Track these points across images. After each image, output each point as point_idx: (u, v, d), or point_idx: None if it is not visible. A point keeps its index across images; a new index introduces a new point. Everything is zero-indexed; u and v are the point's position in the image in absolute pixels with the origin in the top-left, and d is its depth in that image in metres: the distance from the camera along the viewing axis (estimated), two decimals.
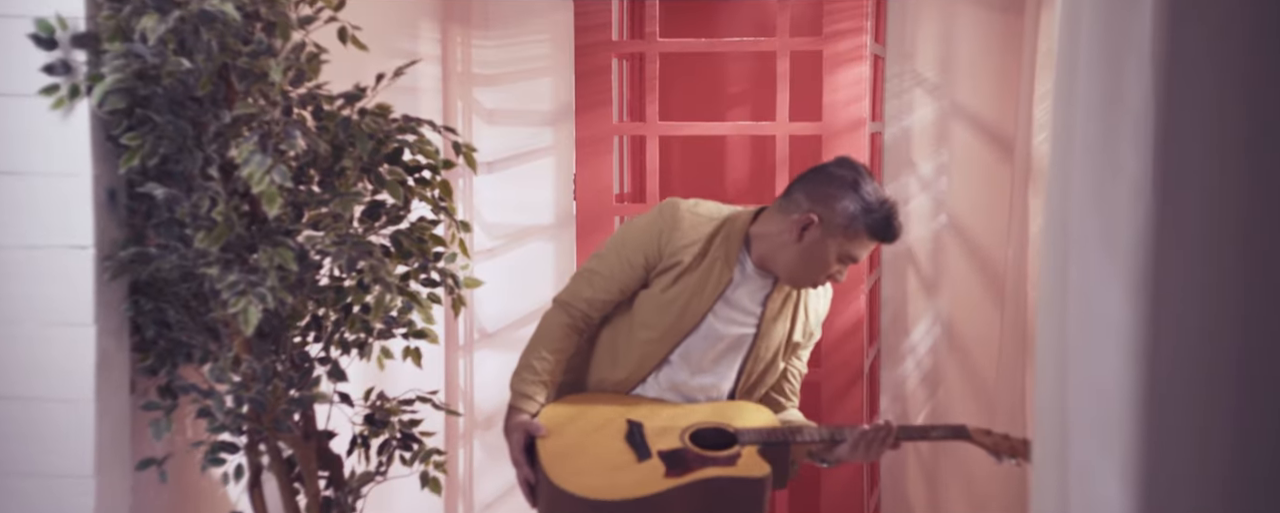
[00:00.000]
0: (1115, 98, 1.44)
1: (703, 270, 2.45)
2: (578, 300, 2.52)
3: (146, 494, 2.43)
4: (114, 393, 2.28)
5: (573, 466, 2.37)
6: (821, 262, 2.42)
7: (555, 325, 2.53)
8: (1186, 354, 1.39)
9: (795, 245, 2.41)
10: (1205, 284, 1.37)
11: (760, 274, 2.48)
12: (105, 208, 2.23)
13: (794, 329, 2.53)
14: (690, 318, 2.45)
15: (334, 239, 2.29)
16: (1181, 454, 1.39)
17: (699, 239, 2.46)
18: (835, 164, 2.47)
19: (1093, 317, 1.47)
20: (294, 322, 2.41)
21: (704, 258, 2.45)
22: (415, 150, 2.49)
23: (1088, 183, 1.50)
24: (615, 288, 2.49)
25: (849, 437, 2.41)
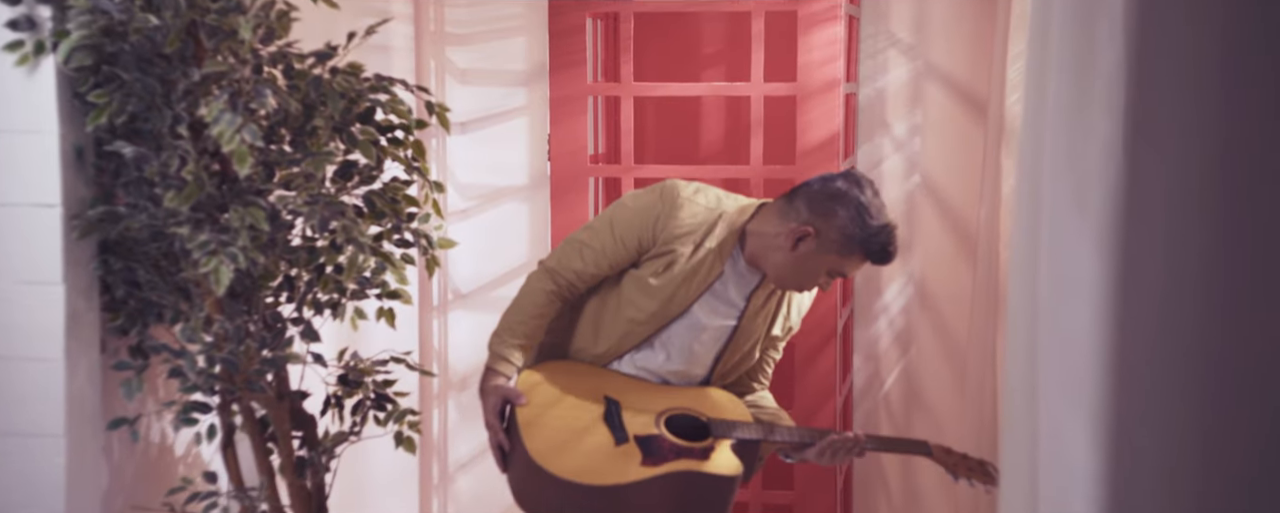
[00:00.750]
0: (1087, 58, 1.44)
1: (695, 262, 2.43)
2: (566, 270, 2.50)
3: (118, 454, 2.42)
4: (84, 352, 2.27)
5: (550, 441, 2.37)
6: (811, 273, 2.42)
7: (540, 291, 2.51)
8: (1155, 313, 1.40)
9: (788, 252, 2.41)
10: (1174, 243, 1.38)
11: (750, 270, 2.48)
12: (72, 166, 2.21)
13: (774, 324, 2.55)
14: (676, 306, 2.44)
15: (306, 199, 2.28)
16: (1149, 412, 1.40)
17: (695, 229, 2.44)
18: (842, 178, 2.43)
19: (1063, 275, 1.48)
20: (266, 282, 2.40)
21: (698, 249, 2.44)
22: (387, 110, 2.47)
23: (1060, 143, 1.50)
24: (605, 264, 2.47)
25: (817, 443, 2.43)
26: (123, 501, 2.44)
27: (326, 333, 2.62)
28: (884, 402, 3.78)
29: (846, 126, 3.51)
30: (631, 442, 2.37)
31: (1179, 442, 1.39)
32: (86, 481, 2.30)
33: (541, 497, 2.37)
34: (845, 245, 2.37)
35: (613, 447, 2.37)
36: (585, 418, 2.41)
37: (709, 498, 2.40)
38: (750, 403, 2.58)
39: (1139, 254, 1.41)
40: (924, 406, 3.75)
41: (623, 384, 2.48)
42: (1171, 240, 1.39)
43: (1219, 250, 1.36)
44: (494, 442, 2.42)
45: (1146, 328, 1.41)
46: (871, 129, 3.70)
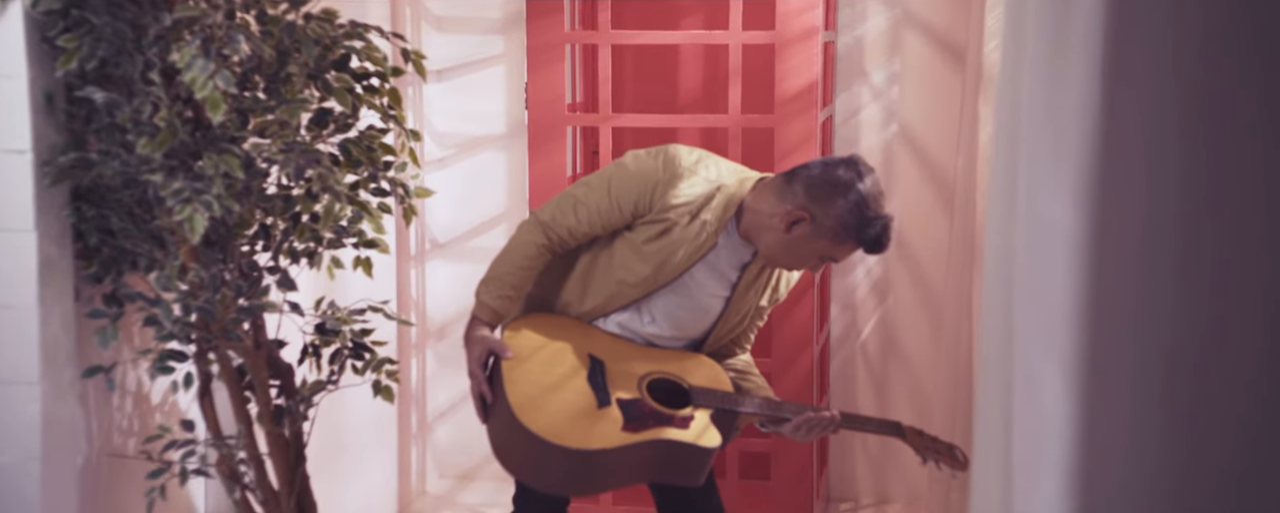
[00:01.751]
0: (1065, 5, 1.44)
1: (690, 232, 2.41)
2: (559, 226, 2.47)
3: (95, 402, 2.42)
4: (57, 300, 2.25)
5: (532, 397, 2.37)
6: (803, 256, 2.41)
7: (530, 244, 2.48)
8: (1131, 261, 1.41)
9: (781, 234, 2.39)
10: (1151, 191, 1.39)
11: (744, 244, 2.47)
12: (42, 111, 2.18)
13: (763, 295, 2.56)
14: (668, 273, 2.43)
15: (281, 147, 2.26)
16: (1123, 359, 1.42)
17: (693, 199, 2.42)
18: (844, 166, 2.40)
19: (1039, 224, 1.49)
20: (241, 230, 2.38)
21: (694, 220, 2.42)
22: (363, 57, 2.44)
23: (1038, 91, 1.50)
24: (599, 223, 2.45)
25: (793, 418, 2.45)
26: (99, 448, 2.44)
27: (303, 282, 2.61)
28: (861, 350, 3.81)
29: (825, 75, 3.49)
30: (614, 405, 2.38)
31: (1152, 388, 1.40)
32: (62, 428, 2.30)
33: (520, 452, 2.38)
34: (840, 234, 2.37)
35: (595, 409, 2.38)
36: (569, 376, 2.42)
37: (686, 467, 2.42)
38: (729, 366, 2.59)
39: (1115, 202, 1.41)
40: (900, 354, 3.78)
41: (608, 344, 2.48)
42: (1148, 188, 1.39)
43: (1195, 198, 1.36)
44: (476, 391, 2.42)
45: (1122, 276, 1.42)
46: (850, 77, 3.70)
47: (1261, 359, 1.34)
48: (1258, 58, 1.33)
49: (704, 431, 2.40)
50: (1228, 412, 1.37)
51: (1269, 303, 1.34)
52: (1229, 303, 1.35)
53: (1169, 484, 1.39)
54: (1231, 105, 1.34)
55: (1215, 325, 1.36)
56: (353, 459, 3.42)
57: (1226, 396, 1.36)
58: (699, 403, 2.44)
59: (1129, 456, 1.42)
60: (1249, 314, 1.34)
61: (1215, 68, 1.34)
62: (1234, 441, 1.36)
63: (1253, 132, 1.34)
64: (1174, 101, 1.36)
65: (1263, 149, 1.33)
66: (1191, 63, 1.35)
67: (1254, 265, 1.33)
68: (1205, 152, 1.35)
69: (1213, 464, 1.37)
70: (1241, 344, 1.35)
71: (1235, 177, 1.35)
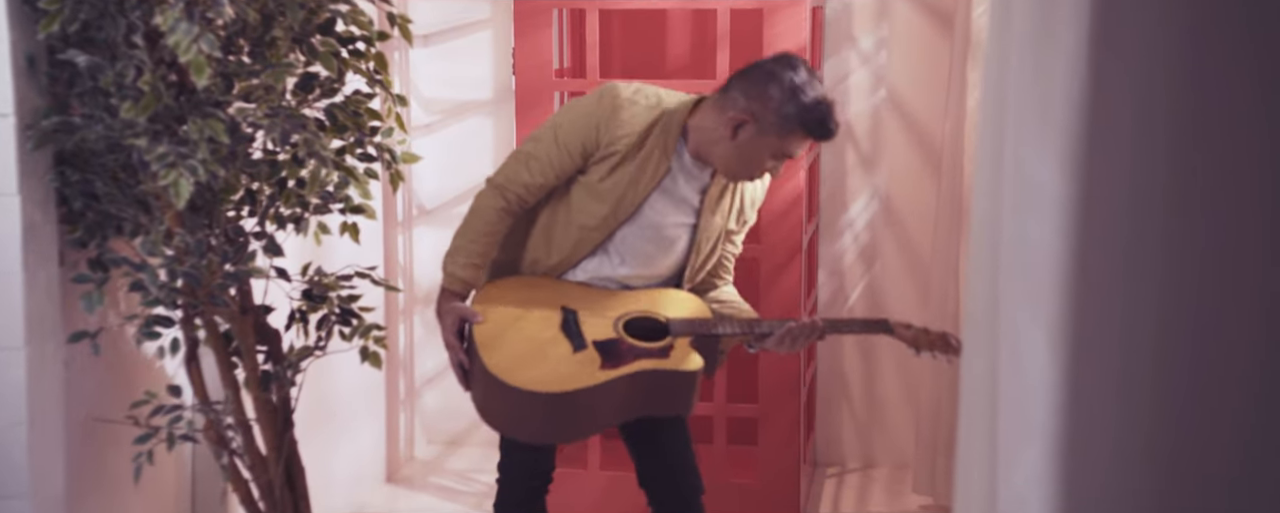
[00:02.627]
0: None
1: (640, 161, 2.42)
2: (514, 184, 2.47)
3: (80, 367, 2.41)
4: (42, 264, 2.24)
5: (509, 354, 2.37)
6: (756, 159, 2.41)
7: (489, 208, 2.48)
8: (1118, 227, 1.41)
9: (730, 142, 2.40)
10: (1137, 156, 1.39)
11: (698, 166, 2.47)
12: (25, 74, 2.16)
13: (730, 218, 2.55)
14: (626, 208, 2.43)
15: (266, 111, 2.25)
16: (1110, 325, 1.42)
17: (637, 129, 2.42)
18: (773, 62, 2.43)
19: (1027, 189, 1.49)
20: (227, 196, 2.37)
21: (641, 148, 2.42)
22: (348, 21, 2.42)
23: (1026, 56, 1.50)
24: (552, 173, 2.45)
25: (775, 331, 2.45)
26: (86, 413, 2.44)
27: (290, 248, 2.60)
28: (849, 315, 3.81)
29: (813, 40, 3.48)
30: (590, 348, 2.38)
31: (1138, 353, 1.41)
32: (48, 393, 2.29)
33: (505, 410, 2.39)
34: (784, 125, 2.37)
35: (571, 354, 2.38)
36: (543, 329, 2.42)
37: (672, 394, 2.42)
38: (712, 298, 2.60)
39: (1103, 167, 1.41)
40: None
41: (579, 293, 2.48)
42: (1136, 153, 1.39)
43: (1183, 163, 1.36)
44: (454, 361, 2.43)
45: (1109, 241, 1.42)
46: (838, 43, 3.68)
47: (1250, 324, 1.34)
48: (1247, 24, 1.32)
49: (685, 356, 2.41)
50: (1216, 378, 1.37)
51: (1257, 268, 1.34)
52: (1217, 267, 1.36)
53: (1156, 451, 1.40)
54: (1220, 70, 1.34)
55: (1203, 291, 1.36)
56: (340, 425, 3.42)
57: (1215, 361, 1.37)
58: (677, 332, 2.44)
59: (1115, 421, 1.43)
60: (1237, 280, 1.35)
61: (1204, 33, 1.34)
62: (1223, 407, 1.36)
63: (1241, 97, 1.34)
64: (1162, 66, 1.36)
65: (1251, 114, 1.33)
66: (1180, 28, 1.35)
67: (1242, 230, 1.34)
68: (1193, 116, 1.35)
69: (1201, 432, 1.38)
70: (1229, 312, 1.35)
71: (1223, 141, 1.35)
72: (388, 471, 3.77)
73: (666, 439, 2.58)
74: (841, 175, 3.75)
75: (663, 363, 2.38)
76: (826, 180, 3.76)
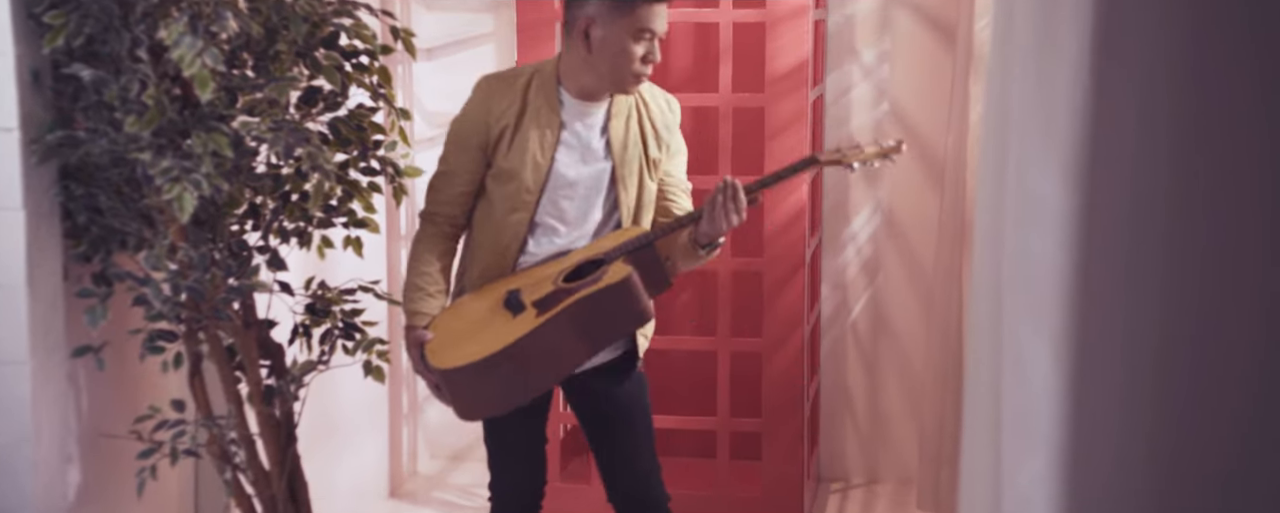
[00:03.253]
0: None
1: (530, 122, 2.43)
2: (437, 207, 2.51)
3: (84, 381, 2.41)
4: (46, 279, 2.25)
5: (454, 347, 2.40)
6: (622, 51, 2.39)
7: (425, 238, 2.52)
8: (1120, 239, 1.41)
9: (591, 53, 2.40)
10: (1140, 170, 1.39)
11: (585, 105, 2.47)
12: (29, 89, 2.17)
13: (646, 147, 2.52)
14: (539, 172, 2.43)
15: (270, 125, 2.25)
16: (1112, 337, 1.42)
17: (515, 96, 2.45)
18: None
19: (1029, 201, 1.49)
20: (231, 209, 2.37)
21: (525, 111, 2.44)
22: (352, 35, 2.43)
23: (1028, 69, 1.50)
24: (465, 179, 2.48)
25: (703, 212, 2.40)
26: (89, 428, 2.44)
27: (293, 261, 2.61)
28: (851, 329, 3.81)
29: (815, 53, 3.49)
30: (529, 307, 2.41)
31: (1141, 366, 1.41)
32: (52, 408, 2.29)
33: (471, 395, 2.41)
34: (620, 4, 2.37)
35: (510, 320, 2.40)
36: (486, 316, 2.44)
37: (612, 312, 2.39)
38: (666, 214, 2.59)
39: (1105, 180, 1.42)
40: (891, 333, 3.79)
41: (524, 276, 2.48)
42: (1138, 166, 1.39)
43: (1185, 176, 1.37)
44: (429, 384, 2.46)
45: (1111, 253, 1.42)
46: (840, 56, 3.69)
47: (1251, 336, 1.34)
48: (1248, 36, 1.33)
49: (613, 271, 2.40)
50: (1217, 390, 1.37)
51: (1258, 280, 1.34)
52: (1219, 280, 1.36)
53: (1158, 462, 1.40)
54: (1222, 84, 1.34)
55: (1205, 303, 1.36)
56: (344, 440, 3.42)
57: (1216, 373, 1.37)
58: (611, 257, 2.43)
59: (1118, 433, 1.43)
60: (1238, 291, 1.35)
61: (1206, 46, 1.35)
62: (1224, 416, 1.36)
63: (1242, 110, 1.34)
64: (1164, 80, 1.37)
65: (1252, 127, 1.33)
66: (1182, 41, 1.35)
67: (1243, 243, 1.34)
68: (1195, 130, 1.36)
69: (1202, 443, 1.38)
70: (1231, 321, 1.35)
71: (1225, 155, 1.35)
72: (391, 485, 3.76)
73: (632, 452, 2.58)
74: (844, 189, 3.75)
75: (593, 286, 2.38)
76: (829, 194, 3.76)
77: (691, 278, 3.85)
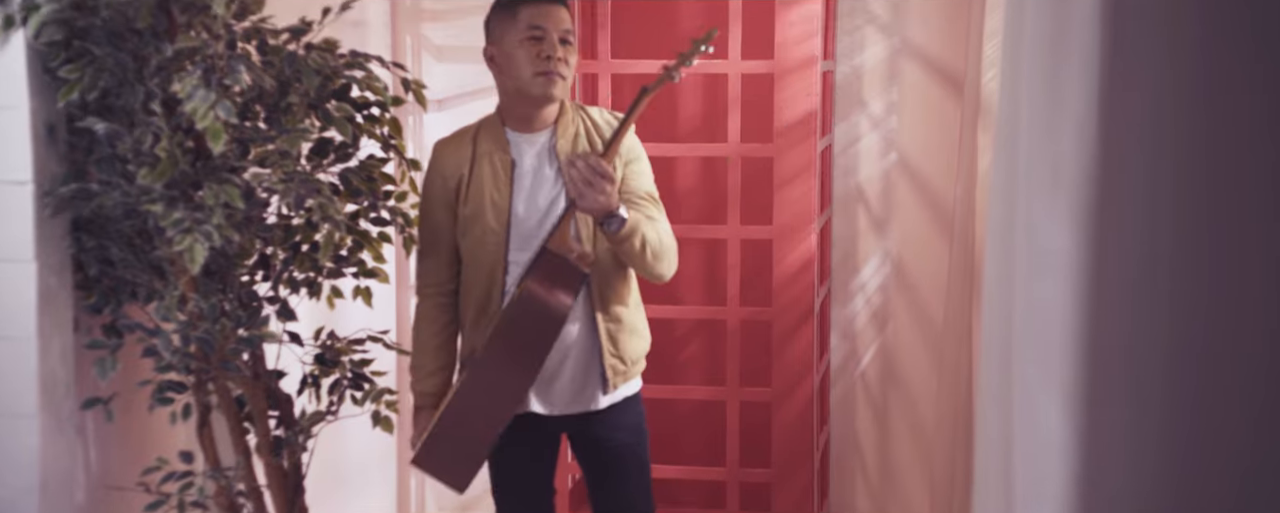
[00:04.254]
0: (1062, 36, 1.45)
1: (482, 166, 2.51)
2: (425, 279, 2.58)
3: (93, 433, 2.41)
4: (57, 331, 2.25)
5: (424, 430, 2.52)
6: (520, 60, 2.46)
7: (422, 314, 2.60)
8: (1129, 291, 1.41)
9: (502, 76, 2.50)
10: (1149, 221, 1.39)
11: (531, 135, 2.52)
12: (44, 142, 2.18)
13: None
14: (500, 211, 2.48)
15: (281, 177, 2.26)
16: (1121, 388, 1.42)
17: (465, 148, 2.54)
18: None
19: (1038, 253, 1.49)
20: (241, 260, 2.38)
21: (475, 157, 2.52)
22: (363, 87, 2.45)
23: (1036, 120, 1.51)
24: (443, 244, 2.54)
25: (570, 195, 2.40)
26: (97, 480, 2.43)
27: (303, 312, 2.61)
28: (861, 380, 3.80)
29: (824, 104, 3.51)
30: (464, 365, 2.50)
31: (1151, 418, 1.40)
32: (60, 461, 2.29)
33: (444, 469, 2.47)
34: (502, 16, 2.49)
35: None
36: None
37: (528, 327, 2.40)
38: None
39: (1113, 231, 1.42)
40: (900, 383, 3.77)
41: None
42: (1146, 218, 1.39)
43: (1192, 227, 1.37)
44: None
45: (1120, 306, 1.42)
46: (848, 107, 3.71)
47: (1258, 387, 1.34)
48: (1253, 90, 1.33)
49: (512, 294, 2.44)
50: (1226, 442, 1.36)
51: (1265, 332, 1.34)
52: (1226, 332, 1.36)
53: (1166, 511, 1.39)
54: (1228, 136, 1.35)
55: (1212, 354, 1.36)
56: (352, 491, 3.40)
57: (1224, 424, 1.36)
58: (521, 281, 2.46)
59: (1127, 483, 1.42)
60: (1245, 343, 1.34)
61: (1211, 99, 1.35)
62: (1232, 471, 1.35)
63: (1249, 162, 1.34)
64: (1171, 132, 1.37)
65: (1259, 179, 1.34)
66: (1188, 94, 1.36)
67: (1250, 295, 1.34)
68: (1202, 182, 1.36)
69: (1210, 491, 1.37)
70: (1238, 372, 1.34)
71: (1233, 207, 1.35)
72: None
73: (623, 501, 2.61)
74: (853, 238, 3.75)
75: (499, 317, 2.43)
76: (838, 243, 3.76)
77: (700, 328, 3.85)
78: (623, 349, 2.53)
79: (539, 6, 2.46)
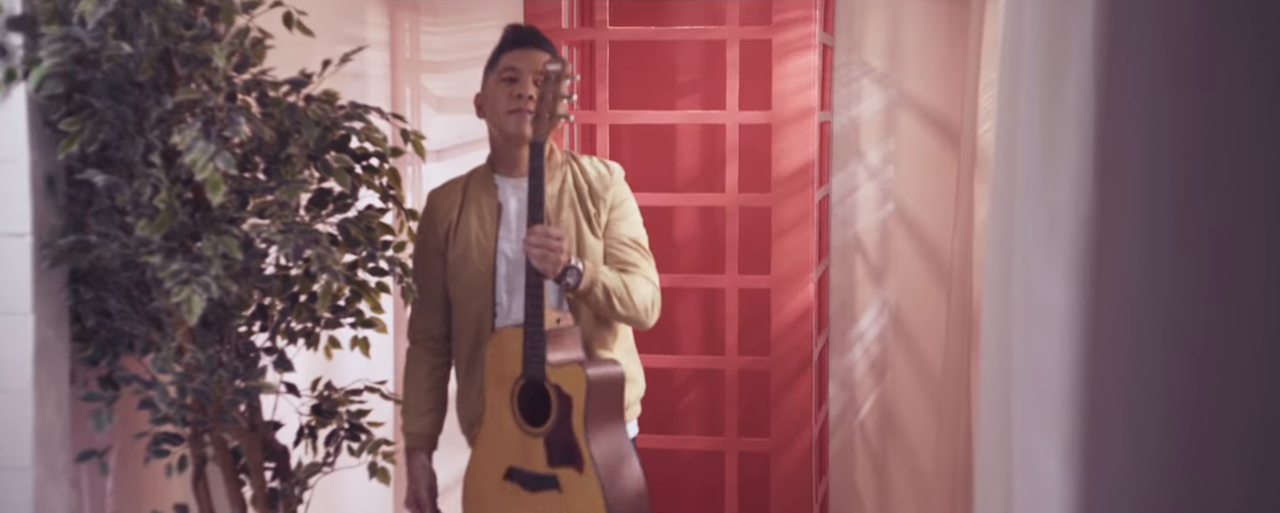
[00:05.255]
0: (1057, 88, 1.46)
1: (470, 211, 2.59)
2: (416, 328, 2.66)
3: (88, 487, 2.39)
4: (53, 383, 2.24)
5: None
6: (497, 99, 2.55)
7: (412, 358, 2.68)
8: (1123, 339, 1.41)
9: (486, 120, 2.60)
10: (1142, 271, 1.39)
11: (518, 180, 2.59)
12: (43, 195, 2.19)
13: (582, 202, 2.58)
14: (485, 252, 2.55)
15: (280, 227, 2.27)
16: (1118, 435, 1.41)
17: (456, 195, 2.62)
18: None
19: (1035, 303, 1.49)
20: (239, 311, 2.38)
21: (465, 203, 2.60)
22: (363, 138, 2.46)
23: (1032, 172, 1.51)
24: (433, 293, 2.62)
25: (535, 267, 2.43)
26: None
27: (300, 362, 2.60)
28: (860, 429, 3.78)
29: (821, 154, 3.52)
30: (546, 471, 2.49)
31: (1149, 468, 1.40)
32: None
33: None
34: (490, 69, 2.59)
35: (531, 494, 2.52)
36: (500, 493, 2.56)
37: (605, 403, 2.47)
38: None
39: (1110, 282, 1.42)
40: (899, 433, 3.76)
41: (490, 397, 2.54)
42: (1138, 267, 1.40)
43: (1188, 280, 1.37)
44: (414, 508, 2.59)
45: (1118, 356, 1.42)
46: (846, 157, 3.72)
47: (1253, 437, 1.33)
48: (1249, 137, 1.34)
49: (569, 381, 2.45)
50: (1222, 487, 1.36)
51: (1260, 383, 1.34)
52: (1222, 382, 1.35)
53: None
54: (1225, 188, 1.35)
55: (1208, 405, 1.36)
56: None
57: (1220, 472, 1.36)
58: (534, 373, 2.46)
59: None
60: (1240, 394, 1.34)
61: (1207, 149, 1.36)
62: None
63: (1246, 214, 1.34)
64: (1167, 185, 1.38)
65: (1257, 230, 1.34)
66: (1183, 145, 1.37)
67: (1246, 347, 1.33)
68: (1199, 234, 1.36)
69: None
70: (1233, 422, 1.34)
71: (1229, 257, 1.35)
72: None
73: None
74: (851, 288, 3.75)
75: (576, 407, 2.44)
76: (836, 293, 3.76)
77: (698, 377, 3.84)
78: None
79: (517, 50, 2.56)
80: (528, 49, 2.56)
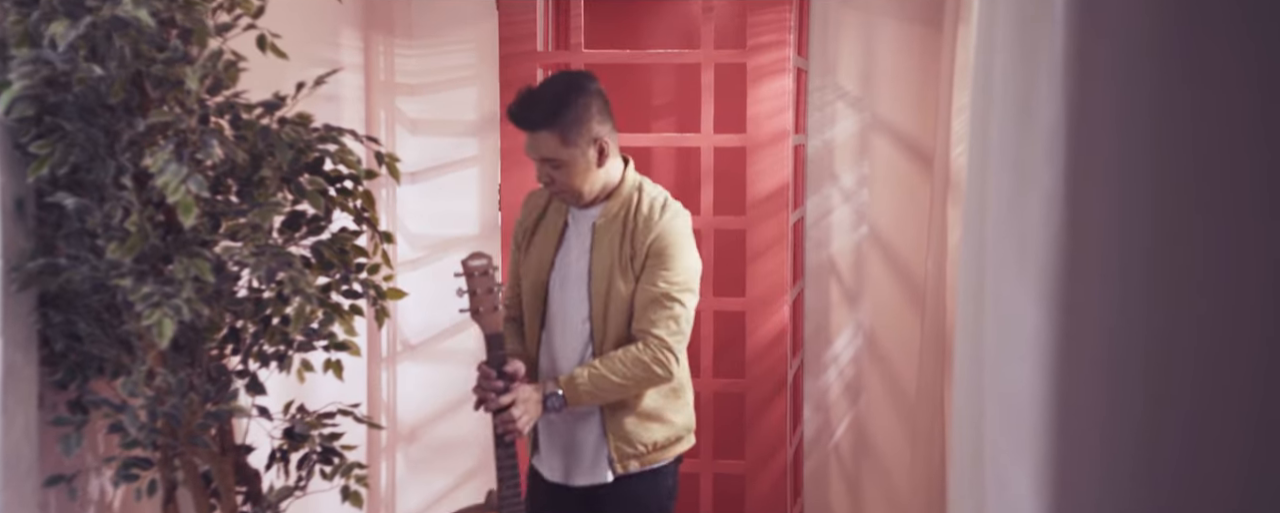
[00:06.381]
0: (1028, 111, 1.47)
1: (544, 226, 2.76)
2: (509, 303, 2.83)
3: (56, 511, 2.37)
4: (21, 407, 2.22)
5: None
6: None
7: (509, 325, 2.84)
8: (1095, 362, 1.42)
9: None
10: (1113, 294, 1.40)
11: (581, 212, 2.73)
12: (12, 218, 2.17)
13: (622, 247, 2.68)
14: (543, 266, 2.73)
15: (252, 250, 2.25)
16: (1090, 458, 1.42)
17: (541, 204, 2.79)
18: None
19: (1007, 326, 1.50)
20: (211, 334, 2.36)
21: (543, 217, 2.77)
22: (336, 160, 2.45)
23: (1003, 195, 1.52)
24: (515, 275, 2.83)
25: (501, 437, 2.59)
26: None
27: (273, 385, 2.58)
28: (834, 452, 3.78)
29: (796, 177, 3.53)
30: None
31: (1123, 489, 1.40)
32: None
33: None
34: None
35: None
36: None
37: None
38: None
39: (1078, 303, 1.43)
40: (873, 455, 3.76)
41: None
42: (1110, 289, 1.40)
43: (1161, 300, 1.38)
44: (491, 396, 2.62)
45: (1090, 377, 1.42)
46: (820, 180, 3.74)
47: (1230, 462, 1.34)
48: (1220, 157, 1.35)
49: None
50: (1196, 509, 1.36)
51: (1237, 402, 1.34)
52: (1198, 405, 1.36)
53: None
54: (1196, 208, 1.36)
55: (1185, 429, 1.36)
56: None
57: (1194, 494, 1.36)
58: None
59: None
60: (1216, 416, 1.35)
61: (1178, 170, 1.37)
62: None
63: (1219, 234, 1.36)
64: (1138, 206, 1.39)
65: (1228, 249, 1.35)
66: (1154, 167, 1.38)
67: (1222, 369, 1.34)
68: (1171, 256, 1.37)
69: None
70: (1208, 448, 1.35)
71: (1202, 279, 1.36)
72: None
73: None
74: (825, 310, 3.76)
75: None
76: (810, 315, 3.77)
77: None
78: (631, 435, 2.69)
79: (524, 132, 2.65)
80: (526, 132, 2.64)
